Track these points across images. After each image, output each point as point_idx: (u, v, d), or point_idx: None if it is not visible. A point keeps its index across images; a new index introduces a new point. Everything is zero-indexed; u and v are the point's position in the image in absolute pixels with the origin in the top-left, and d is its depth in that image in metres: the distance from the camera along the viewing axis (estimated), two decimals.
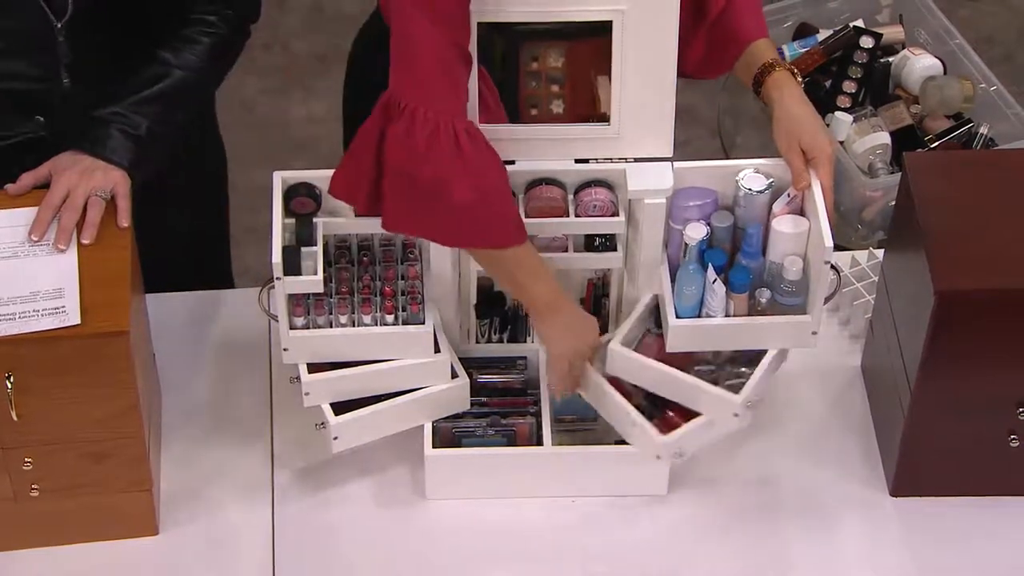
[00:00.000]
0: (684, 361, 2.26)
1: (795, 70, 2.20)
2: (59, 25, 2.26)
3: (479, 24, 2.09)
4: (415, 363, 2.23)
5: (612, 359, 2.25)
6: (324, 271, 2.18)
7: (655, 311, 2.30)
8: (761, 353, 2.24)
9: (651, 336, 2.29)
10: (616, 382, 2.26)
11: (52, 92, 2.32)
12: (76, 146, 2.25)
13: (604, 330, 2.32)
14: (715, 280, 2.18)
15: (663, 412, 2.27)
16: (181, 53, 2.32)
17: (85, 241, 2.16)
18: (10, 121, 2.34)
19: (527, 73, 2.15)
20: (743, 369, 2.24)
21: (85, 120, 2.28)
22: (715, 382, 2.22)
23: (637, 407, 2.23)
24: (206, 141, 2.65)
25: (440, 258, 2.23)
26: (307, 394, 2.22)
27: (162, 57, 2.31)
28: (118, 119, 2.27)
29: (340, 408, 2.24)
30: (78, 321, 2.05)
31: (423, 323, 2.21)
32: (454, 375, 2.28)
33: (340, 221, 2.22)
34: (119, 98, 2.29)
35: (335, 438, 2.22)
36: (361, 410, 2.23)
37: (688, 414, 2.23)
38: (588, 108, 2.17)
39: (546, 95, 2.16)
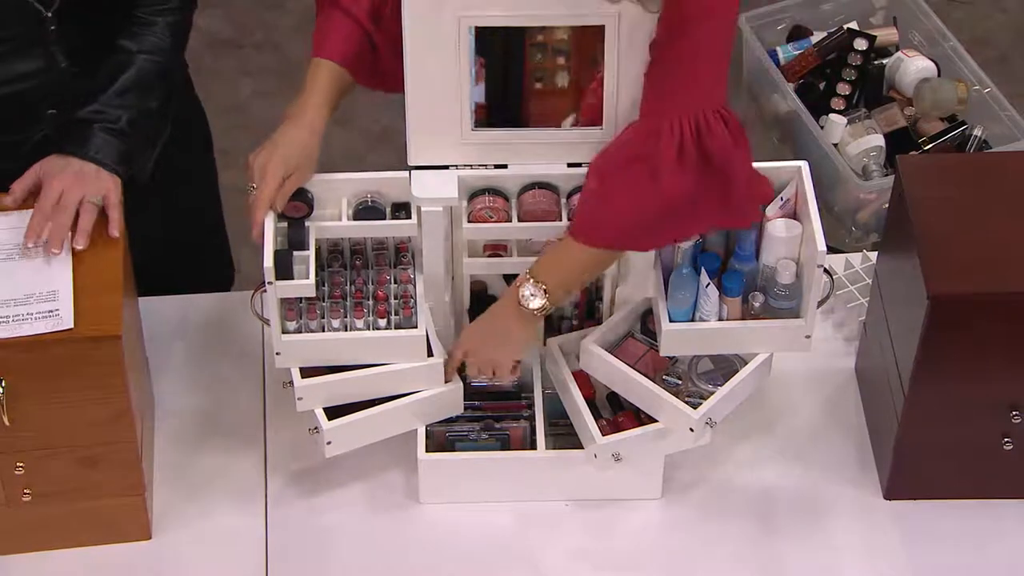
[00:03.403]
0: (655, 368, 2.26)
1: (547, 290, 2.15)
2: (49, 14, 2.26)
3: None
4: (409, 367, 2.23)
5: (584, 355, 2.26)
6: (316, 275, 2.17)
7: (643, 316, 2.31)
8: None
9: (633, 340, 2.30)
10: (582, 375, 2.28)
11: (56, 81, 2.33)
12: (62, 150, 2.25)
13: None
14: (708, 284, 2.18)
15: (615, 415, 2.30)
16: (141, 37, 2.32)
17: (78, 247, 2.15)
18: (24, 123, 2.34)
19: (532, 45, 2.14)
20: (709, 387, 2.24)
21: (65, 123, 2.28)
22: (678, 394, 2.23)
23: (594, 403, 2.28)
24: (184, 123, 2.65)
25: (433, 262, 2.23)
26: (300, 399, 2.22)
27: (123, 46, 2.32)
28: (97, 116, 2.27)
29: (333, 413, 2.24)
30: (71, 325, 2.05)
31: (415, 327, 2.21)
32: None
33: (333, 225, 2.21)
34: (94, 95, 2.29)
35: (328, 443, 2.22)
36: (355, 414, 2.23)
37: (638, 423, 2.25)
38: (594, 81, 2.15)
39: (552, 68, 2.15)
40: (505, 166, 2.20)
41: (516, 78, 2.15)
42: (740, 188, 2.10)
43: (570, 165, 2.21)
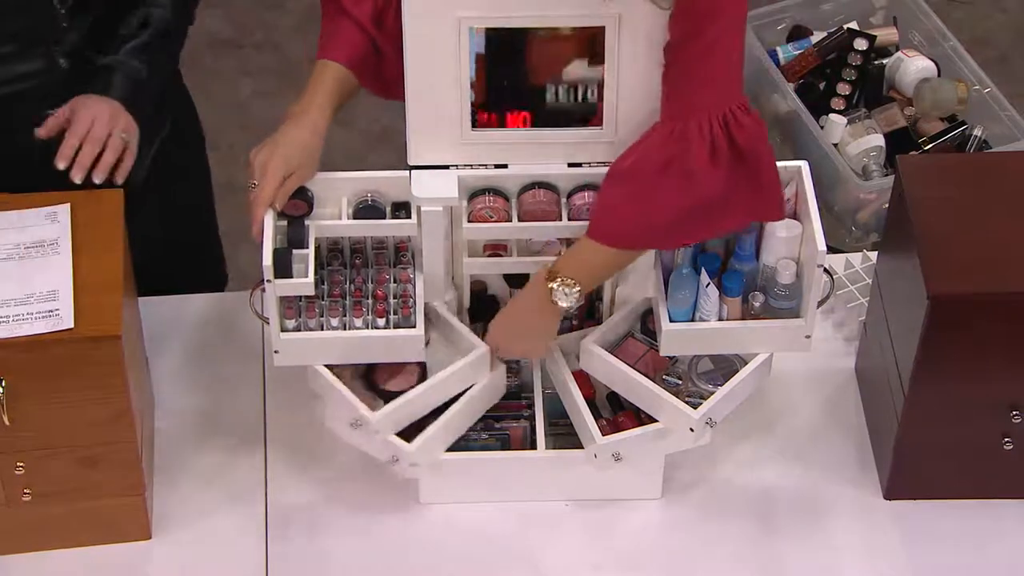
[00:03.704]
0: (655, 368, 2.26)
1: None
2: (63, 11, 2.30)
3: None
4: (462, 365, 2.22)
5: (584, 355, 2.26)
6: (316, 274, 2.17)
7: (643, 316, 2.31)
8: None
9: (633, 340, 2.30)
10: (581, 375, 2.28)
11: (55, 82, 2.35)
12: (90, 91, 2.31)
13: None
14: (708, 284, 2.18)
15: (615, 415, 2.30)
16: (155, 4, 2.39)
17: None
18: (25, 125, 2.35)
19: None
20: (709, 387, 2.24)
21: (88, 70, 2.34)
22: (678, 394, 2.23)
23: (595, 403, 2.28)
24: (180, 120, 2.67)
25: (433, 262, 2.23)
26: (377, 432, 2.18)
27: (139, 9, 2.38)
28: (120, 66, 2.34)
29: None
30: (71, 325, 2.05)
31: (414, 327, 2.21)
32: None
33: (332, 224, 2.21)
34: (115, 48, 2.35)
35: (413, 464, 2.19)
36: (430, 428, 2.20)
37: (638, 423, 2.24)
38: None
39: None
40: (505, 166, 2.20)
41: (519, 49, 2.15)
42: (768, 175, 2.11)
43: (570, 165, 2.21)
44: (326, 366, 2.22)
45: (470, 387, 2.24)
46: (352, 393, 2.20)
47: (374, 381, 2.26)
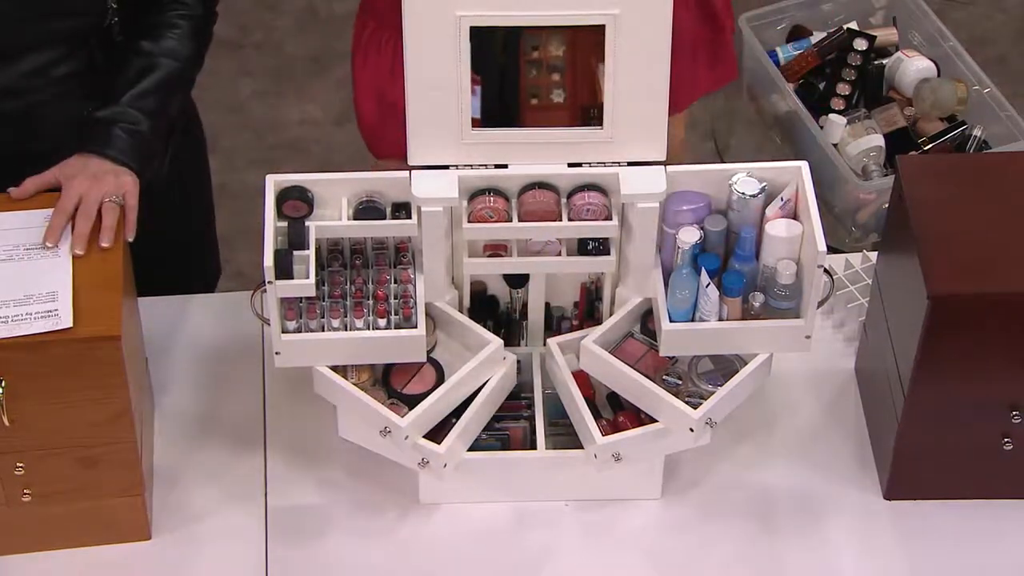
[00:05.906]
0: (655, 368, 2.26)
1: None
2: (115, 5, 2.31)
3: (471, 27, 2.09)
4: (479, 362, 2.23)
5: (584, 355, 2.26)
6: (316, 275, 2.17)
7: (643, 316, 2.31)
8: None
9: (633, 340, 2.30)
10: (582, 375, 2.28)
11: (94, 80, 2.35)
12: (82, 149, 2.26)
13: None
14: (708, 284, 2.18)
15: (615, 415, 2.29)
16: (162, 41, 2.35)
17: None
18: (56, 129, 2.36)
19: (527, 62, 2.14)
20: (709, 387, 2.24)
21: (85, 123, 2.30)
22: (678, 395, 2.22)
23: (594, 403, 2.28)
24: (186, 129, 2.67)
25: (433, 262, 2.23)
26: (406, 437, 2.19)
27: (144, 48, 2.34)
28: (119, 117, 2.29)
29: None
30: (70, 324, 2.05)
31: (415, 327, 2.21)
32: None
33: (333, 224, 2.21)
34: (114, 97, 2.31)
35: (445, 465, 2.20)
36: (454, 430, 2.21)
37: (639, 423, 2.24)
38: (589, 97, 2.16)
39: (546, 84, 2.16)
40: (505, 166, 2.20)
41: (511, 95, 2.16)
42: None
43: (570, 165, 2.21)
44: (341, 375, 2.22)
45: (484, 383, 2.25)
46: (374, 400, 2.20)
47: (392, 386, 2.26)
